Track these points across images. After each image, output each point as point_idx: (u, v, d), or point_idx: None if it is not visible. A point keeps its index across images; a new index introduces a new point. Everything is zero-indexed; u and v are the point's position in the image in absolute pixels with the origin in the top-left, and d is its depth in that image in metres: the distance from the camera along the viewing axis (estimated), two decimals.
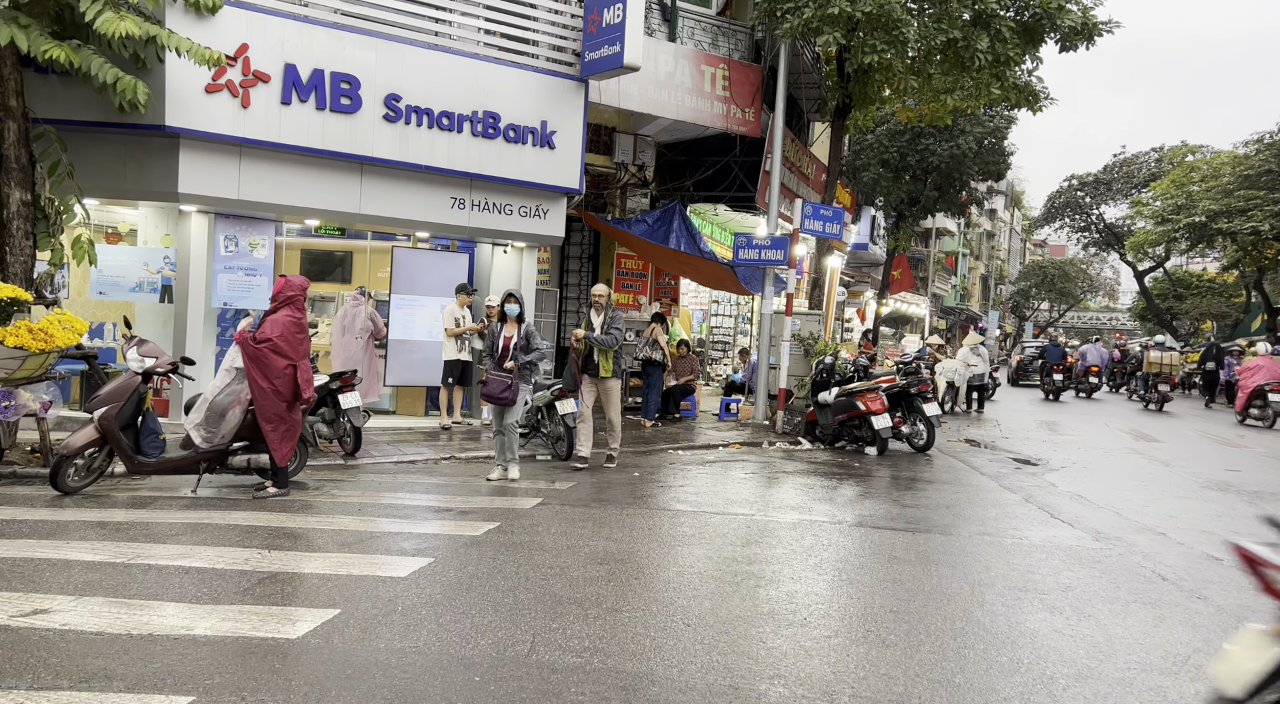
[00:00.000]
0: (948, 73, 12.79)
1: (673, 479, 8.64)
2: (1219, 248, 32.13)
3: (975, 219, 49.96)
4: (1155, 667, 3.99)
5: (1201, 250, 33.60)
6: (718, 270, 14.59)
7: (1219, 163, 30.62)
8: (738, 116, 14.08)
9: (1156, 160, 37.40)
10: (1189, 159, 33.42)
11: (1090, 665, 3.95)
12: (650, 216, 14.32)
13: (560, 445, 9.44)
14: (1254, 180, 27.02)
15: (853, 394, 11.16)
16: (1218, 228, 27.79)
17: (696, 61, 13.46)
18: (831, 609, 4.61)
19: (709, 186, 16.14)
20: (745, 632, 4.17)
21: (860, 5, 11.35)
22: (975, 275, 57.34)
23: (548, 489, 7.64)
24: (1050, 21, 12.30)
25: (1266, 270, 30.58)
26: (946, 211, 26.56)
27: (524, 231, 11.44)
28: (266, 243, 10.18)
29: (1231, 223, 26.99)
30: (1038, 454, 11.69)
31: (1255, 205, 26.27)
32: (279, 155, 9.56)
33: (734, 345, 21.36)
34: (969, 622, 4.49)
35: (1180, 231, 29.76)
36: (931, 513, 7.38)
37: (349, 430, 8.61)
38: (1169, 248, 34.25)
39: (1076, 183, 40.57)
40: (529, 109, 10.93)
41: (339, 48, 9.64)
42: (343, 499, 6.89)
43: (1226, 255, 32.18)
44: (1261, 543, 2.81)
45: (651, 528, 6.32)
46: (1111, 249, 42.29)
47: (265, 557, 5.05)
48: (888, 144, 22.34)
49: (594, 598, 4.55)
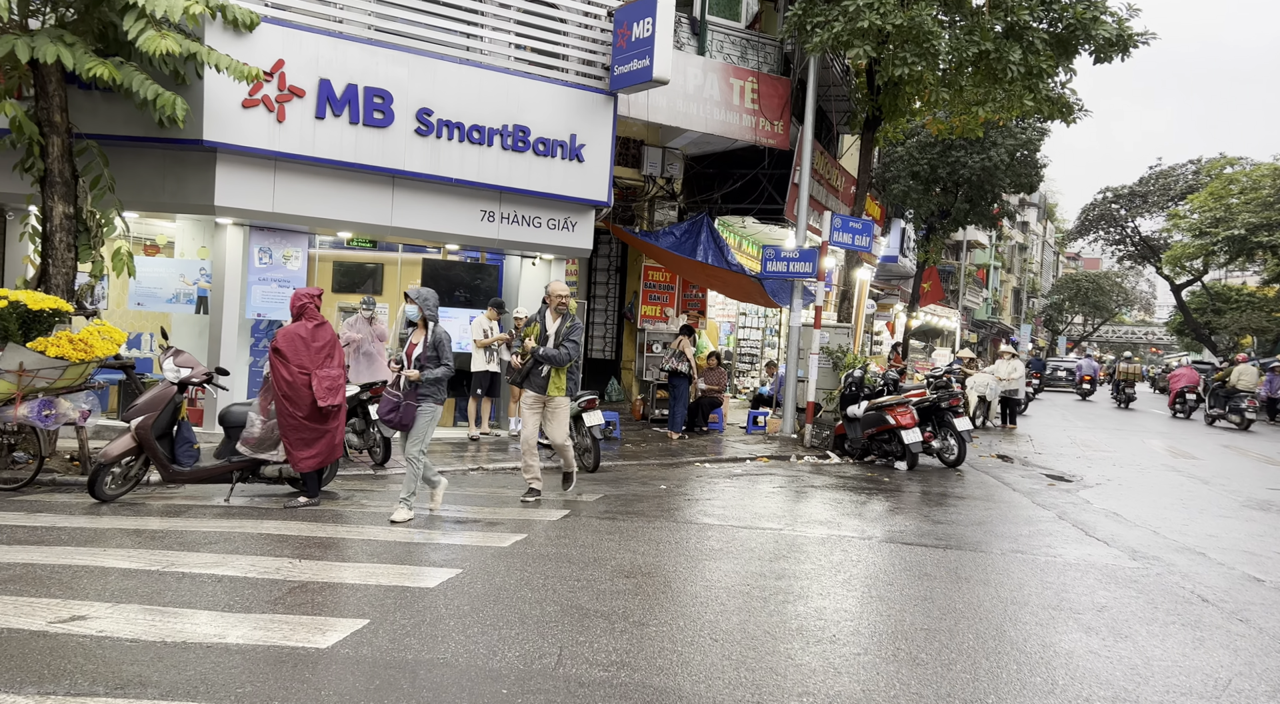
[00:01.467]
0: (979, 85, 12.69)
1: (699, 492, 8.61)
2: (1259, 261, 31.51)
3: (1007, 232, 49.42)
4: (1195, 691, 3.89)
5: (1241, 264, 32.96)
6: (745, 283, 14.56)
7: (1259, 175, 30.09)
8: (766, 129, 14.08)
9: (1194, 172, 36.80)
10: (1228, 171, 32.86)
11: (1127, 688, 3.86)
12: (678, 229, 14.35)
13: (587, 457, 9.44)
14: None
15: (882, 408, 11.05)
16: (1258, 241, 27.26)
17: (725, 75, 13.49)
18: (861, 626, 4.55)
19: (737, 199, 16.15)
20: (773, 648, 4.13)
21: (891, 18, 11.31)
22: (1007, 289, 56.67)
23: (574, 501, 7.64)
24: (1084, 33, 12.17)
25: None
26: (977, 224, 26.31)
27: (552, 244, 11.50)
28: (299, 255, 10.33)
29: (1272, 236, 26.46)
30: (1071, 470, 11.50)
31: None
32: (313, 169, 9.71)
33: (761, 358, 21.28)
34: (1002, 641, 4.41)
35: (1219, 245, 29.26)
36: (963, 529, 7.28)
37: (379, 441, 8.69)
38: (1207, 261, 33.65)
39: (1111, 195, 40.02)
40: (558, 122, 11.01)
41: (372, 63, 9.79)
42: (372, 509, 6.94)
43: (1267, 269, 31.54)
44: None
45: (678, 541, 6.29)
46: (1147, 262, 41.62)
47: (296, 566, 5.10)
48: (918, 156, 22.20)
49: (621, 611, 4.54)
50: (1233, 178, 31.51)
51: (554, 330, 7.31)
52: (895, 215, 25.50)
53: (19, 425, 7.01)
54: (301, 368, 6.71)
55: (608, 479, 9.01)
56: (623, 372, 15.97)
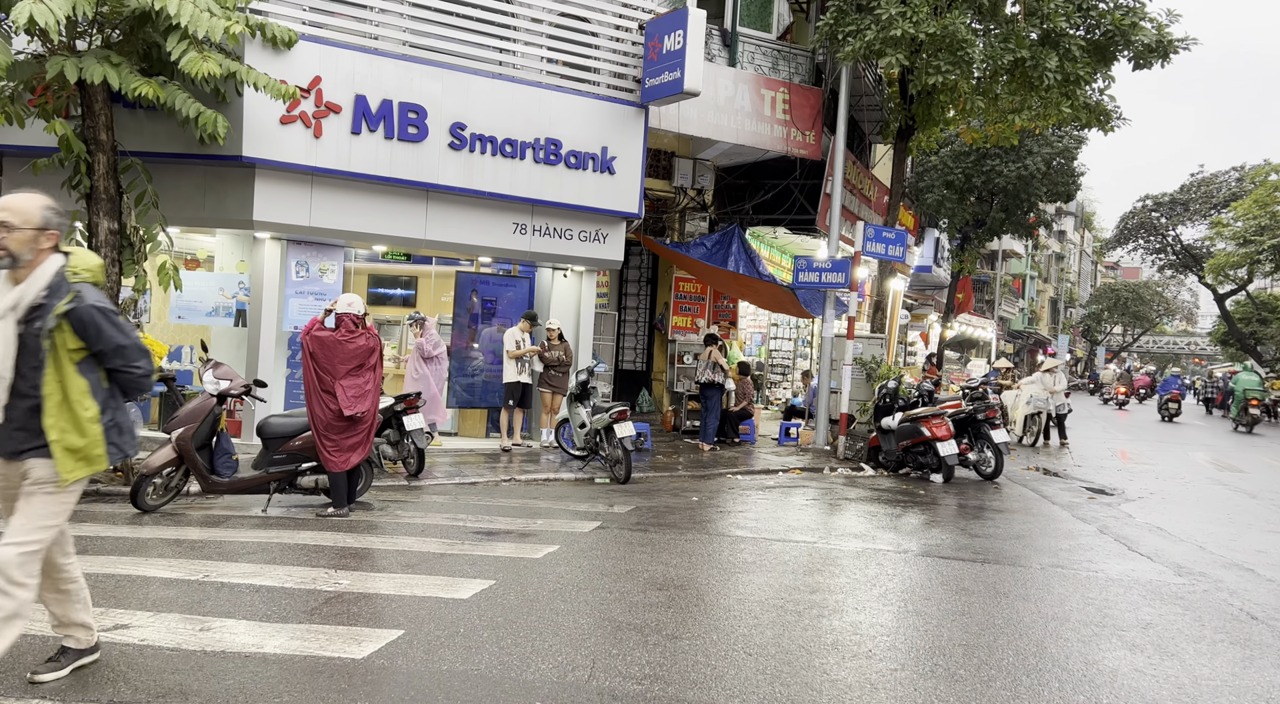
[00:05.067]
0: (1015, 93, 12.55)
1: (732, 504, 8.56)
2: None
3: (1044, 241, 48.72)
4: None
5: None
6: (777, 293, 14.50)
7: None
8: (798, 139, 14.04)
9: (1237, 179, 36.02)
10: (1273, 178, 32.11)
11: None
12: (709, 240, 14.33)
13: (619, 469, 9.44)
14: None
15: (917, 420, 10.92)
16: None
17: (756, 86, 13.49)
18: (897, 641, 4.48)
19: (768, 210, 16.10)
20: (808, 663, 4.09)
21: (924, 27, 11.24)
22: (1044, 298, 55.82)
23: (606, 513, 7.64)
24: (1123, 39, 11.99)
25: None
26: (1013, 233, 25.93)
27: (584, 256, 11.55)
28: (336, 268, 10.48)
29: None
30: (1112, 483, 11.26)
31: None
32: (349, 183, 9.86)
33: (794, 368, 21.14)
34: (1043, 658, 4.32)
35: (1264, 253, 28.58)
36: (1001, 543, 7.15)
37: (413, 452, 8.76)
38: (1252, 270, 32.87)
39: (1151, 203, 39.31)
40: (590, 135, 11.08)
41: (407, 78, 9.93)
42: (406, 520, 6.99)
43: None
44: None
45: (711, 554, 6.26)
46: (1189, 271, 40.77)
47: (332, 576, 5.15)
48: (952, 165, 21.96)
49: (654, 624, 4.51)
50: (1278, 185, 30.79)
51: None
52: (929, 225, 25.23)
53: None
54: (328, 372, 6.86)
55: (639, 491, 9.00)
56: (654, 383, 15.96)
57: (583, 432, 10.20)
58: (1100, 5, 12.07)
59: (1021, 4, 11.99)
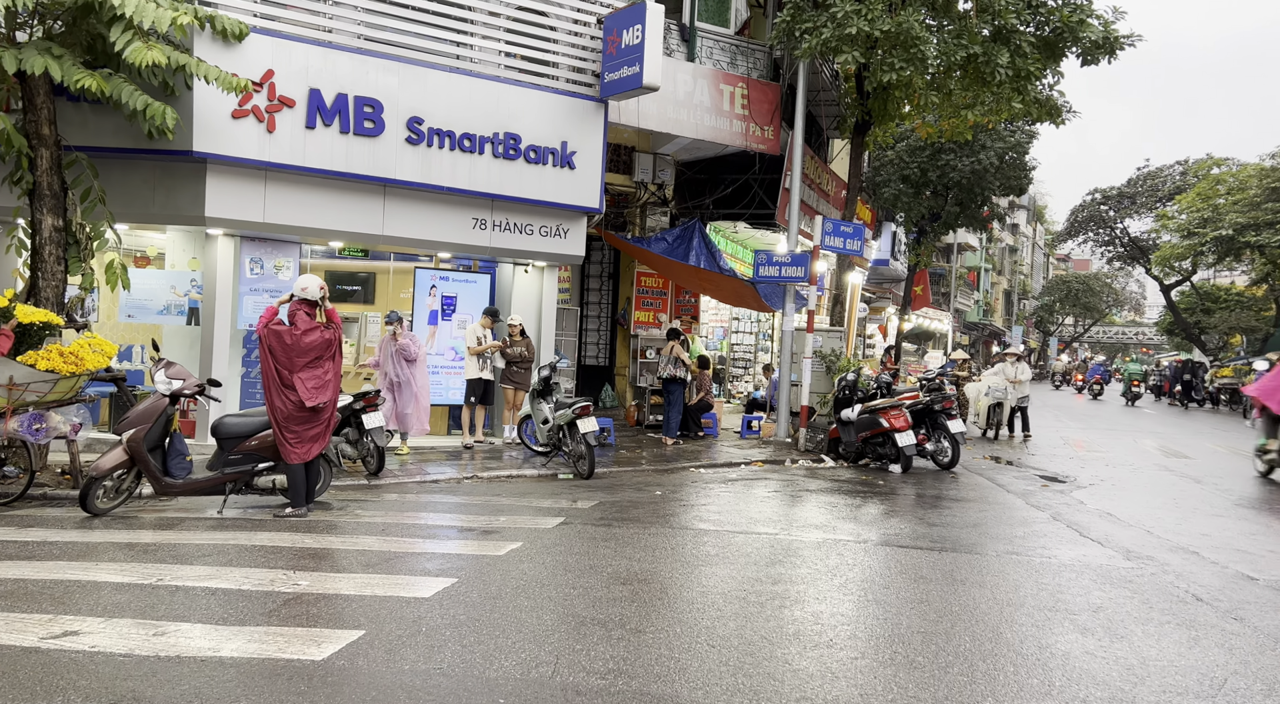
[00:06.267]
0: (968, 88, 12.75)
1: (695, 498, 8.60)
2: (1247, 261, 31.72)
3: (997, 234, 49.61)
4: (1191, 690, 3.90)
5: (1229, 264, 33.18)
6: (739, 287, 14.59)
7: (1245, 175, 30.31)
8: (757, 134, 14.12)
9: (1181, 173, 37.05)
10: (1214, 171, 33.07)
11: (1124, 689, 3.87)
12: (670, 234, 14.37)
13: (582, 464, 9.44)
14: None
15: (876, 411, 11.07)
16: (1246, 241, 27.46)
17: (715, 81, 13.53)
18: (858, 630, 4.55)
19: (728, 204, 16.18)
20: (771, 653, 4.13)
21: (879, 24, 11.36)
22: (998, 291, 56.87)
23: (569, 508, 7.63)
24: (1072, 35, 12.25)
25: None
26: (968, 227, 26.41)
27: (544, 251, 11.51)
28: (291, 265, 10.30)
29: (1260, 236, 26.65)
30: (1065, 471, 11.53)
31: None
32: (304, 178, 9.70)
33: (755, 362, 21.29)
34: (998, 643, 4.41)
35: (1207, 245, 29.44)
36: (958, 531, 7.29)
37: (372, 450, 8.66)
38: (1196, 261, 33.86)
39: (1100, 196, 40.25)
40: (549, 130, 11.03)
41: (362, 72, 9.79)
42: (366, 519, 6.91)
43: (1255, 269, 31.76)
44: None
45: (674, 547, 6.29)
46: (1137, 263, 41.87)
47: (290, 577, 5.08)
48: (908, 160, 22.29)
49: (618, 619, 4.53)
50: (1220, 178, 31.74)
51: None
52: (886, 219, 25.56)
53: (9, 439, 6.96)
54: (286, 367, 6.77)
55: (603, 486, 9.00)
56: (616, 378, 15.97)
57: (545, 428, 10.18)
58: (1049, 2, 12.32)
59: (973, 1, 12.19)
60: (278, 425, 6.82)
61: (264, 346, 6.83)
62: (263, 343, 6.83)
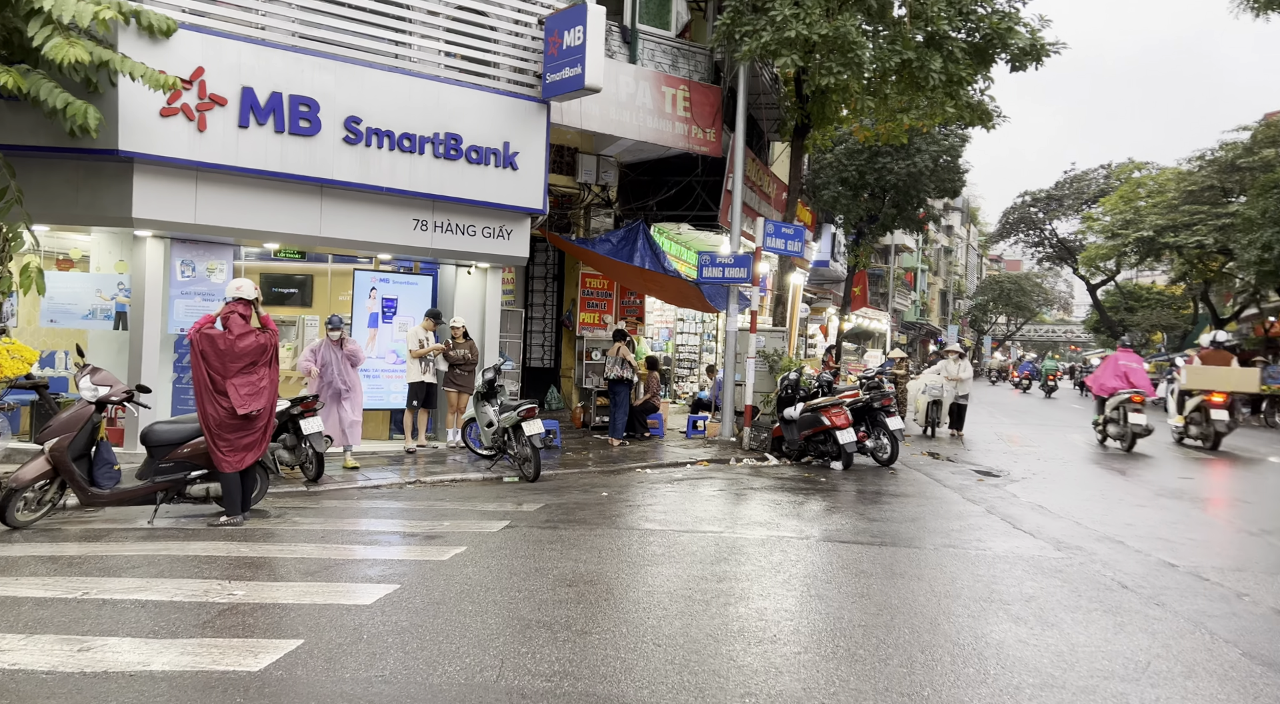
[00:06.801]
0: (903, 93, 13.05)
1: (641, 498, 8.63)
2: (1166, 261, 33.07)
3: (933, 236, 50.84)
4: (1117, 674, 4.06)
5: (1150, 264, 34.54)
6: (683, 288, 14.68)
7: (1164, 179, 31.59)
8: (699, 137, 14.23)
9: (1105, 177, 38.48)
10: (1135, 175, 34.41)
11: (1054, 674, 4.00)
12: (614, 236, 14.39)
13: (528, 467, 9.38)
14: (1197, 196, 27.92)
15: (817, 409, 11.25)
16: (1164, 242, 28.62)
17: (657, 83, 13.60)
18: (801, 625, 4.62)
19: (672, 206, 16.27)
20: (716, 650, 4.17)
21: (816, 29, 11.55)
22: (934, 291, 58.26)
23: (515, 512, 7.58)
24: (1001, 42, 12.63)
25: (1212, 283, 31.52)
26: (905, 228, 27.01)
27: (487, 252, 11.41)
28: (224, 267, 10.03)
29: (1177, 237, 27.81)
30: (999, 465, 11.87)
31: (1199, 220, 27.13)
32: (237, 179, 9.45)
33: (700, 363, 21.44)
34: (935, 634, 4.53)
35: (1129, 246, 30.59)
36: (897, 526, 7.45)
37: (311, 456, 8.48)
38: (1119, 262, 35.17)
39: (1029, 199, 41.55)
40: (491, 130, 10.94)
41: (297, 70, 9.58)
42: (306, 527, 6.76)
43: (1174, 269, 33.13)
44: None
45: (620, 548, 6.30)
46: (1065, 263, 43.31)
47: (225, 587, 4.94)
48: (846, 163, 22.69)
49: (563, 621, 4.52)
50: (1140, 181, 33.03)
51: None
52: (826, 221, 26.00)
53: None
54: (219, 372, 6.60)
55: (549, 488, 8.96)
56: (562, 380, 15.92)
57: (490, 431, 10.09)
58: (979, 10, 12.68)
59: (908, 7, 12.48)
60: (210, 433, 6.63)
61: (196, 351, 6.64)
62: (194, 347, 6.64)
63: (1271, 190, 20.54)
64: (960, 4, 12.37)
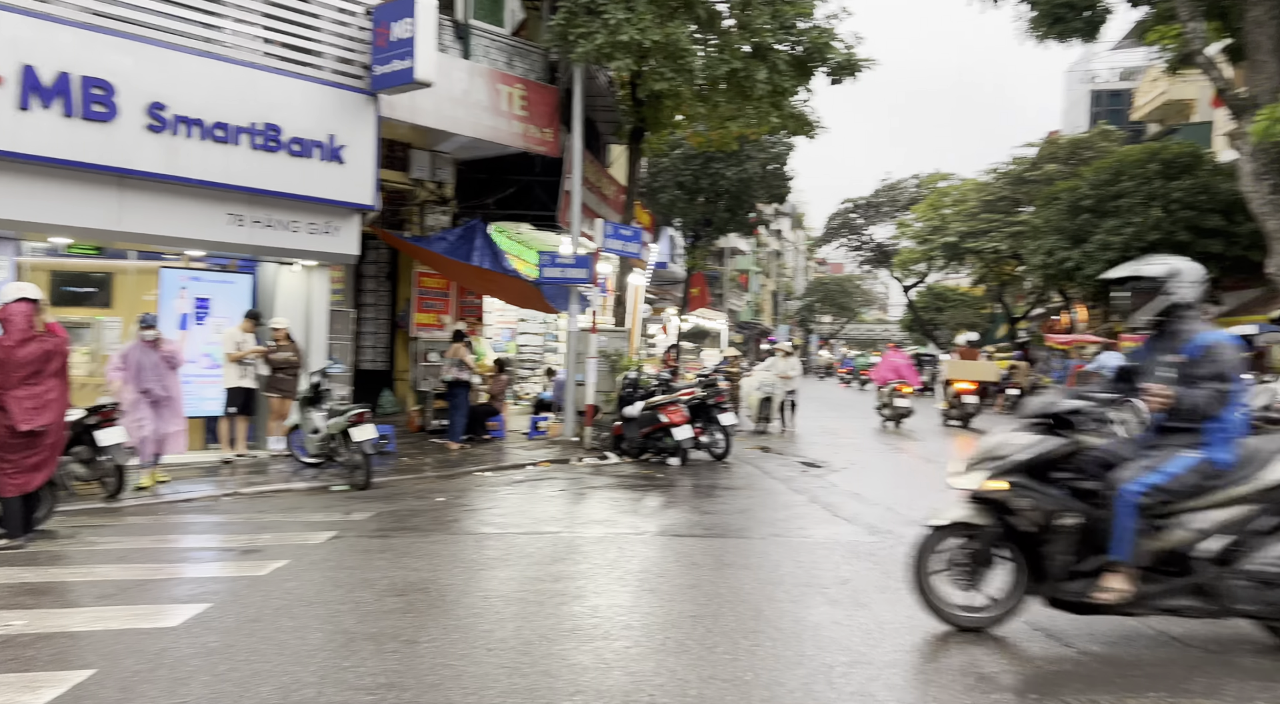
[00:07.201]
0: (732, 101, 13.55)
1: (479, 502, 8.50)
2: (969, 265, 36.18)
3: (764, 239, 53.15)
4: (919, 648, 4.41)
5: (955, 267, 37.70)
6: (524, 288, 14.57)
7: (966, 189, 34.57)
8: (536, 136, 14.17)
9: (916, 186, 41.62)
10: (942, 185, 37.46)
11: (863, 651, 4.29)
12: (451, 234, 14.07)
13: (358, 474, 9.01)
14: (993, 205, 30.77)
15: (656, 407, 11.50)
16: (966, 247, 31.33)
17: (492, 80, 13.42)
18: (633, 620, 4.71)
19: (511, 205, 16.10)
20: (548, 651, 4.17)
21: (649, 34, 11.79)
22: (766, 292, 60.92)
23: (343, 521, 7.27)
24: (820, 56, 13.38)
25: (1006, 284, 34.82)
26: (738, 232, 28.13)
27: (313, 249, 10.86)
28: (5, 263, 9.00)
29: (977, 242, 30.53)
30: (822, 457, 12.56)
31: (995, 227, 29.92)
32: (17, 166, 8.49)
33: (542, 363, 21.36)
34: (759, 620, 4.74)
35: (937, 250, 33.28)
36: (729, 518, 7.74)
37: (111, 470, 7.75)
38: (929, 265, 38.15)
39: (850, 205, 44.30)
40: (315, 122, 10.42)
41: (89, 50, 8.73)
42: (103, 546, 6.19)
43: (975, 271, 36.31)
44: None
45: (455, 554, 6.18)
46: (882, 266, 46.48)
47: (1, 619, 4.43)
48: (682, 167, 23.34)
49: (390, 631, 4.38)
50: (946, 191, 36.00)
51: None
52: (665, 223, 26.59)
53: None
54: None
55: (381, 496, 8.65)
56: (397, 382, 15.40)
57: (317, 438, 9.62)
58: (800, 24, 13.38)
59: (736, 19, 12.99)
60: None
61: None
62: None
63: (1053, 201, 22.92)
64: (783, 18, 13.00)
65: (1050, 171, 27.59)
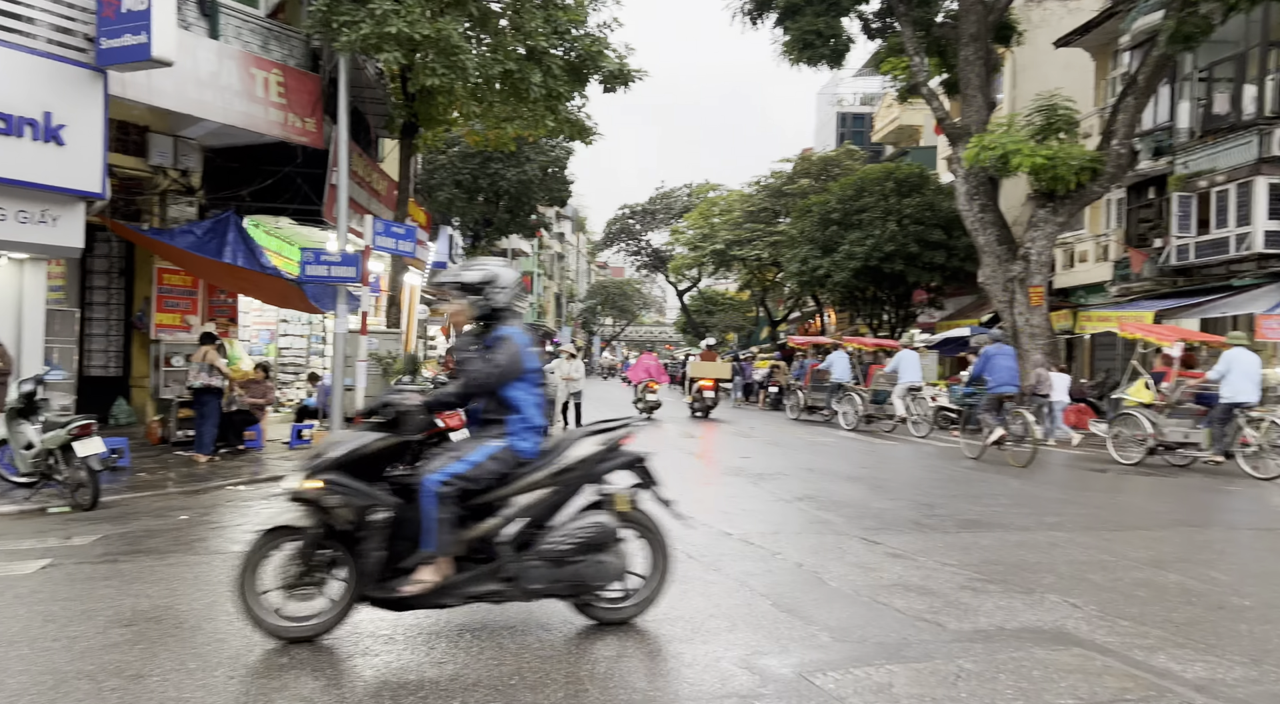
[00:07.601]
0: (507, 102, 13.52)
1: (230, 518, 7.85)
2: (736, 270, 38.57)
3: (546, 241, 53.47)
4: (678, 636, 4.61)
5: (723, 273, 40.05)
6: (283, 287, 13.63)
7: (733, 199, 36.81)
8: (297, 126, 13.32)
9: (688, 194, 43.73)
10: (712, 195, 39.66)
11: (626, 645, 4.44)
12: (199, 227, 12.88)
13: (83, 493, 8.02)
14: (756, 215, 33.02)
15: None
16: (733, 254, 33.38)
17: (245, 64, 12.45)
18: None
19: (269, 197, 14.98)
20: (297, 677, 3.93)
21: (419, 28, 11.47)
22: (549, 294, 61.32)
23: (60, 547, 6.43)
24: (593, 64, 13.69)
25: (769, 290, 37.49)
26: (519, 233, 28.10)
27: (24, 240, 9.53)
28: None
29: (742, 250, 32.62)
30: None
31: (758, 236, 32.11)
32: None
33: (307, 367, 20.10)
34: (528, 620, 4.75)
35: (707, 257, 35.17)
36: None
37: None
38: (700, 270, 40.24)
39: (628, 211, 45.72)
40: (25, 97, 9.15)
41: None
42: None
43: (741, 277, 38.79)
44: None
45: (198, 576, 5.67)
46: (658, 270, 48.37)
47: None
48: (461, 165, 22.95)
49: (113, 667, 3.93)
50: (715, 201, 38.15)
51: None
52: (443, 222, 25.97)
53: None
54: None
55: (110, 517, 7.74)
56: (134, 390, 13.85)
57: (30, 454, 8.44)
58: (574, 31, 13.62)
59: (509, 19, 12.97)
60: None
61: None
62: None
63: (806, 214, 25.00)
64: (556, 23, 13.16)
65: (804, 186, 30.05)
